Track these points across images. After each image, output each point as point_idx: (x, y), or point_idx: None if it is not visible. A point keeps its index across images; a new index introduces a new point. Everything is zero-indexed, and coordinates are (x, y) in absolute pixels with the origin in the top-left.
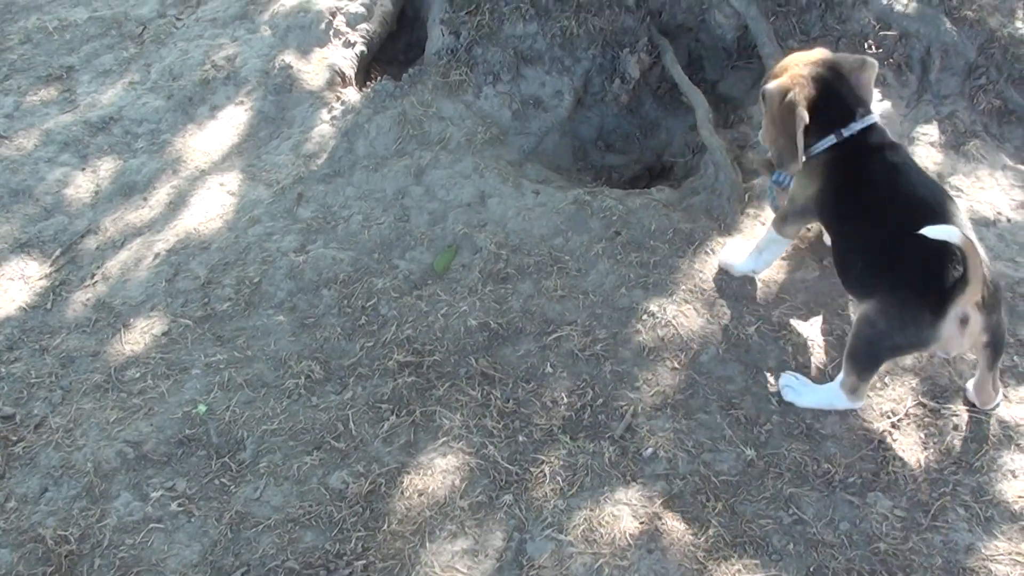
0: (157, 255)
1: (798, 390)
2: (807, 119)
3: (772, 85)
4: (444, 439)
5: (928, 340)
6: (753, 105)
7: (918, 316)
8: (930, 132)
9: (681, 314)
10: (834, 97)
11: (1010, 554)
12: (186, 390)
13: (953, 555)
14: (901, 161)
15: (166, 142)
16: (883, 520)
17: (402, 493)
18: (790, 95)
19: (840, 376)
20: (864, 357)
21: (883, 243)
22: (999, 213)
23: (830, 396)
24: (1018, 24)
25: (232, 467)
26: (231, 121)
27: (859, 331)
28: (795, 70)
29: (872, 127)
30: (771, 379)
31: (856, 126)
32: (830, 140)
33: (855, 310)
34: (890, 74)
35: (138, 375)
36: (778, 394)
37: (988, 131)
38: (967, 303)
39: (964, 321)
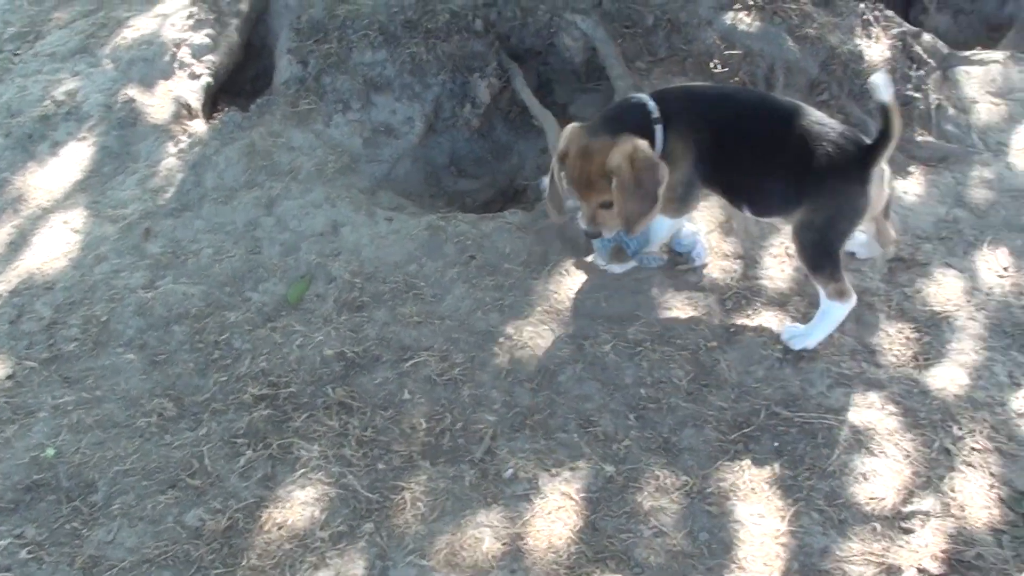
0: None
1: (805, 334)
2: (666, 171)
3: (617, 156)
4: (302, 471)
5: (863, 208)
6: None
7: (849, 192)
8: None
9: (537, 335)
10: (619, 120)
11: (863, 555)
12: (33, 434)
13: (809, 559)
14: (716, 93)
15: (5, 181)
16: (741, 528)
17: (261, 528)
18: (642, 151)
19: (821, 293)
20: (824, 259)
21: (771, 158)
22: None
23: (829, 316)
24: (857, 41)
25: (84, 510)
26: (74, 157)
27: (805, 241)
28: (589, 134)
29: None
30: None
31: (652, 107)
32: (660, 129)
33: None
34: None
35: None
36: (637, 409)
37: None
38: (883, 159)
39: (881, 176)
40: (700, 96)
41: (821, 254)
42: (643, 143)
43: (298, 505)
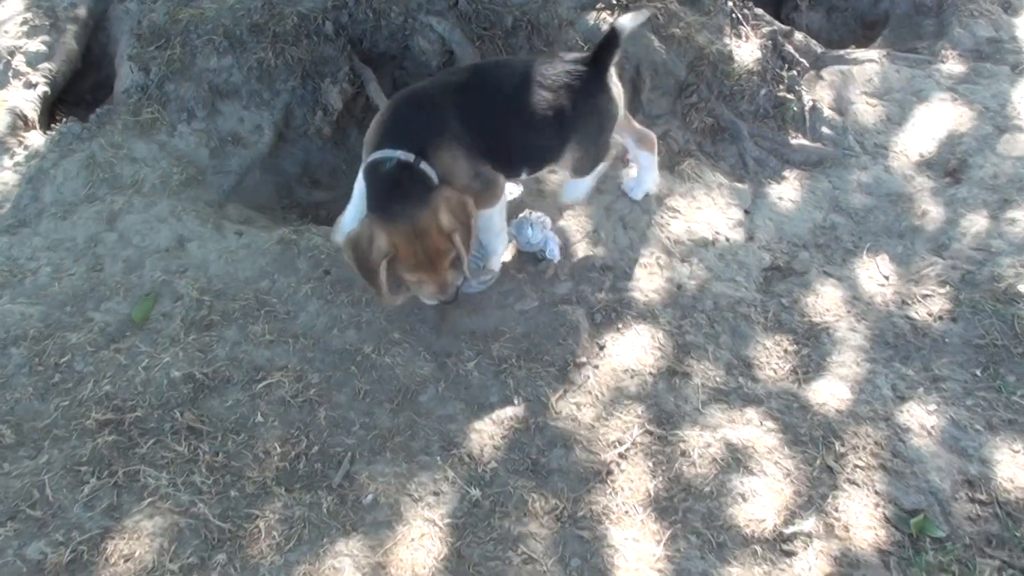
0: None
1: (639, 183)
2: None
3: (445, 218)
4: (150, 499)
5: (616, 110)
6: None
7: (600, 103)
8: None
9: (398, 353)
10: (401, 190)
11: None
12: None
13: None
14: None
15: None
16: (615, 553)
17: (107, 560)
18: (452, 199)
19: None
20: (603, 154)
21: (530, 115)
22: (717, 233)
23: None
24: (726, 41)
25: None
26: None
27: (586, 163)
28: (399, 222)
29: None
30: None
31: (403, 156)
32: (426, 166)
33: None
34: None
35: None
36: (503, 429)
37: (702, 149)
38: (612, 64)
39: (613, 77)
40: (435, 99)
41: (599, 158)
42: (448, 193)
43: (146, 536)
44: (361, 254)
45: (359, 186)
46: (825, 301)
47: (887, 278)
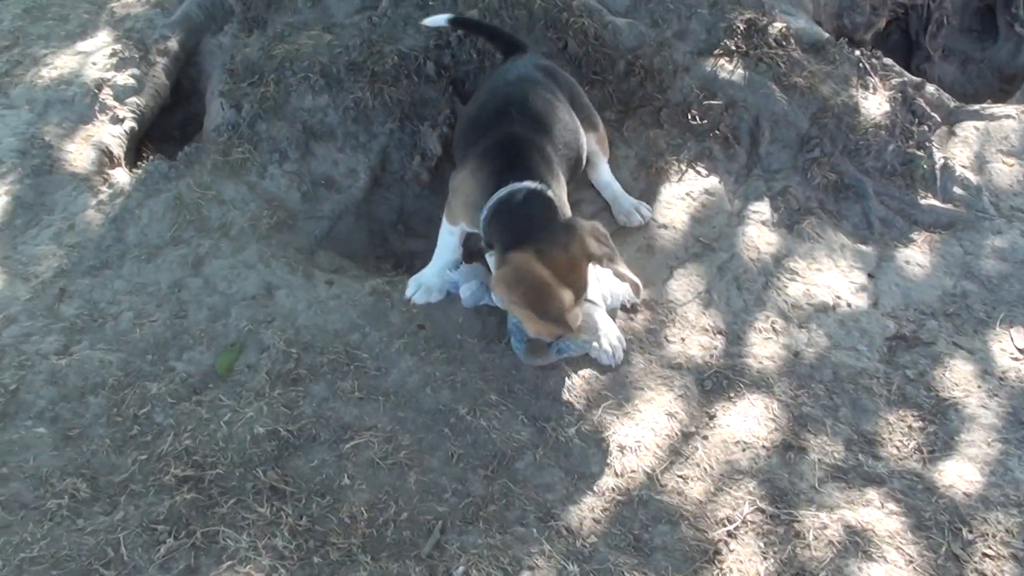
0: None
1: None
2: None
3: (592, 245)
4: (229, 563)
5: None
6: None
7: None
8: (761, 210)
9: (494, 415)
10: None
11: None
12: None
13: None
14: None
15: None
16: None
17: None
18: (592, 228)
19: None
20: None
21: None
22: (838, 297)
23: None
24: (852, 92)
25: None
26: None
27: (604, 137)
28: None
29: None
30: None
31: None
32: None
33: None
34: (716, 147)
35: None
36: (605, 501)
37: (824, 208)
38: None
39: None
40: (515, 127)
41: (600, 126)
42: (581, 222)
43: None
44: (533, 293)
45: (444, 238)
46: (954, 375)
47: (1022, 352)
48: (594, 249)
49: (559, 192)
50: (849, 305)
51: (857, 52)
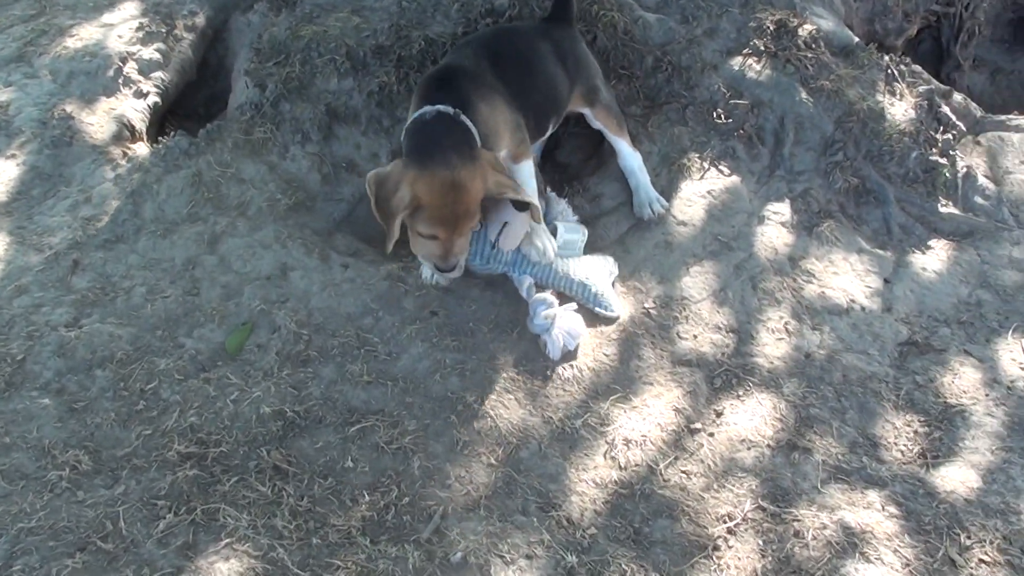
0: None
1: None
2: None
3: (490, 178)
4: (227, 540)
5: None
6: (589, 177)
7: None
8: (782, 211)
9: (501, 404)
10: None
11: None
12: None
13: None
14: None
15: None
16: None
17: None
18: (493, 161)
19: (627, 146)
20: (612, 100)
21: (542, 68)
22: (852, 301)
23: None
24: (879, 97)
25: None
26: None
27: (605, 99)
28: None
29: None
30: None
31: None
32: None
33: None
34: (740, 146)
35: None
36: (607, 493)
37: (844, 212)
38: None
39: None
40: (468, 62)
41: (612, 102)
42: (488, 155)
43: None
44: (384, 195)
45: None
46: (963, 382)
47: None
48: (490, 181)
49: (490, 120)
50: (863, 309)
51: (886, 58)
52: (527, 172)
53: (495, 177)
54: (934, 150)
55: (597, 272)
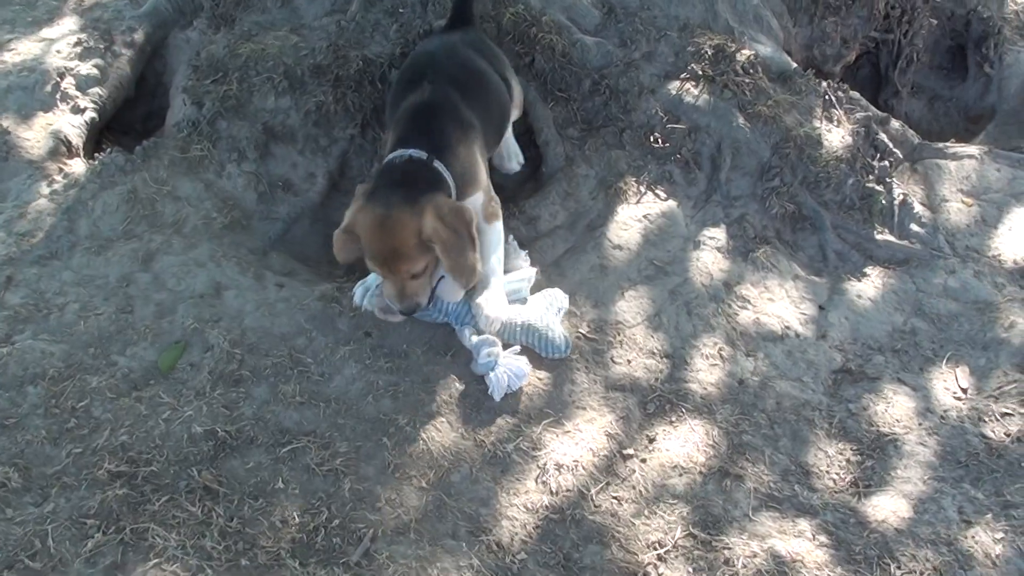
0: None
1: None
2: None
3: (429, 222)
4: (156, 560)
5: None
6: (526, 200)
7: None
8: (718, 236)
9: (433, 427)
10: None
11: None
12: None
13: None
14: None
15: None
16: None
17: None
18: (445, 205)
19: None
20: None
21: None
22: (787, 327)
23: None
24: (816, 124)
25: None
26: None
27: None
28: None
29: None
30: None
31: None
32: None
33: None
34: (677, 171)
35: None
36: (538, 518)
37: (780, 237)
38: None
39: None
40: (435, 95)
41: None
42: (441, 200)
43: None
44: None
45: None
46: (896, 410)
47: (965, 391)
48: (426, 228)
49: (467, 161)
50: (798, 336)
51: (824, 84)
52: (496, 236)
53: (434, 225)
54: (871, 177)
55: (541, 314)
